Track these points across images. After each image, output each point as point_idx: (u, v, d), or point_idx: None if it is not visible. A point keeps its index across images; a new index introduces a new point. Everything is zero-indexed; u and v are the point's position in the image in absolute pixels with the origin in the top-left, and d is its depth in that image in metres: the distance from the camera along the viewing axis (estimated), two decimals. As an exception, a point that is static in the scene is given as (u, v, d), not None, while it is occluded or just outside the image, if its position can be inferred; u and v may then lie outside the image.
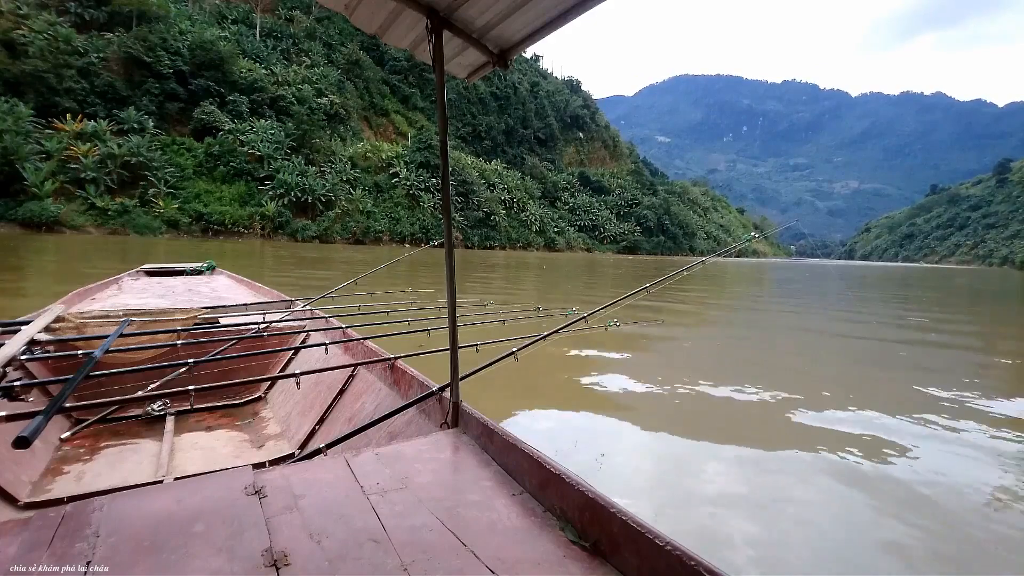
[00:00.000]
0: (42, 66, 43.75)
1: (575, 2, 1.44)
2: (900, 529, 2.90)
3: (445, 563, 1.07)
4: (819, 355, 8.27)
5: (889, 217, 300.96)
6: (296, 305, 4.56)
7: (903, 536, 2.83)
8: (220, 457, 2.68)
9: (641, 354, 7.67)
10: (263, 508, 1.24)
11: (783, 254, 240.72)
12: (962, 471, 3.76)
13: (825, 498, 3.28)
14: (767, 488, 3.37)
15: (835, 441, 4.25)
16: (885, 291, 26.78)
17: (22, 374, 2.64)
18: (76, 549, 1.06)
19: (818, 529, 2.91)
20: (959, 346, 9.84)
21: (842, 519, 3.02)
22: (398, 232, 63.20)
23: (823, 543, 2.77)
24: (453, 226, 1.90)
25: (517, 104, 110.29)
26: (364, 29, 1.72)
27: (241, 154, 53.47)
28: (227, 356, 2.86)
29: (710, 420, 4.73)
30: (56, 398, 1.48)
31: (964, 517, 3.10)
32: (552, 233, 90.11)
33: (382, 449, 1.63)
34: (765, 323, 12.67)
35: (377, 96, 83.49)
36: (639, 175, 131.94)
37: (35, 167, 39.87)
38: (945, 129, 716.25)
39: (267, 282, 5.90)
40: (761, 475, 3.55)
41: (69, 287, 4.82)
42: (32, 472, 2.36)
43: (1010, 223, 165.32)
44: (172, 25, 55.71)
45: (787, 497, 3.26)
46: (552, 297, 14.94)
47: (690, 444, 4.12)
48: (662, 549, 0.98)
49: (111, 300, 4.44)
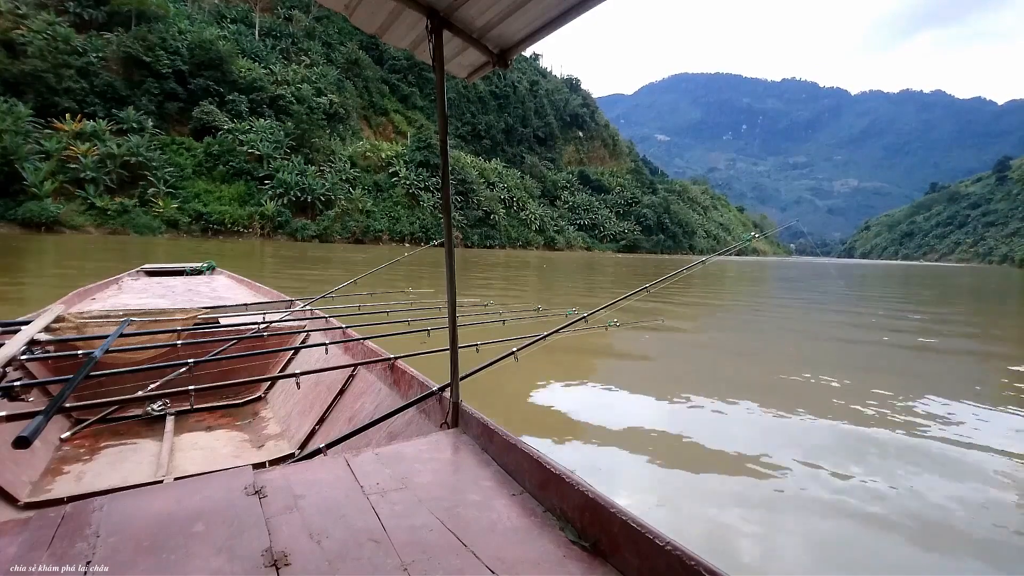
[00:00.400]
0: (41, 66, 43.73)
1: (575, 2, 1.44)
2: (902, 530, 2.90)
3: (445, 563, 1.07)
4: (820, 355, 8.27)
5: (889, 215, 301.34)
6: (296, 305, 4.56)
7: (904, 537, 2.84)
8: (220, 457, 2.68)
9: (641, 354, 7.67)
10: (263, 508, 1.24)
11: (783, 253, 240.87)
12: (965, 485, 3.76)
13: (825, 498, 3.28)
14: (767, 488, 3.37)
15: (836, 441, 4.25)
16: (885, 290, 26.80)
17: (22, 374, 2.65)
18: (76, 549, 1.06)
19: (817, 530, 2.92)
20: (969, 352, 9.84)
21: (840, 520, 3.03)
22: (398, 231, 63.23)
23: (822, 543, 2.78)
24: (453, 225, 1.90)
25: (516, 103, 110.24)
26: (364, 29, 1.72)
27: (240, 154, 53.49)
28: (227, 356, 2.85)
29: (710, 420, 4.73)
30: (56, 398, 1.48)
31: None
32: (552, 232, 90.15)
33: (382, 449, 1.63)
34: (765, 323, 12.67)
35: (376, 95, 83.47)
36: (639, 174, 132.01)
37: (34, 167, 39.89)
38: (945, 127, 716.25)
39: (267, 282, 5.90)
40: (761, 475, 3.55)
41: (69, 287, 4.82)
42: (32, 472, 2.36)
43: (1010, 221, 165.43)
44: (171, 25, 55.70)
45: (787, 498, 3.27)
46: (552, 297, 14.94)
47: (690, 444, 4.13)
48: (662, 549, 0.98)
49: (111, 300, 4.44)
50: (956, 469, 3.78)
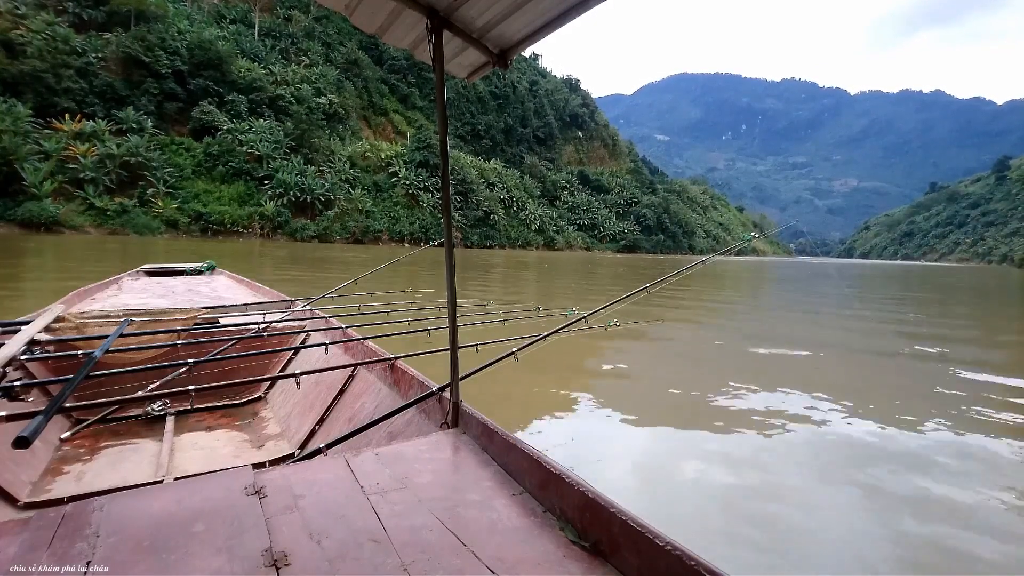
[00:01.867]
0: (40, 66, 43.70)
1: (575, 2, 1.44)
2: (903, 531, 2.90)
3: (445, 563, 1.07)
4: (820, 356, 8.27)
5: (888, 215, 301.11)
6: (296, 305, 4.56)
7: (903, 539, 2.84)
8: (220, 457, 2.68)
9: (641, 354, 7.67)
10: (263, 508, 1.24)
11: (783, 252, 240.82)
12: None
13: (824, 499, 3.29)
14: (765, 489, 3.37)
15: (836, 443, 4.25)
16: (885, 292, 26.80)
17: (22, 374, 2.64)
18: (76, 549, 1.06)
19: (816, 529, 2.92)
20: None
21: (842, 519, 3.03)
22: (397, 231, 63.22)
23: (820, 542, 2.78)
24: (452, 225, 1.90)
25: (516, 103, 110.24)
26: (364, 29, 1.72)
27: (240, 154, 53.45)
28: (227, 356, 2.85)
29: (709, 420, 4.73)
30: (56, 398, 1.48)
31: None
32: (551, 232, 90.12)
33: (382, 449, 1.63)
34: (766, 322, 12.68)
35: (376, 95, 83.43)
36: (638, 174, 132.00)
37: (34, 167, 39.84)
38: (944, 127, 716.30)
39: (266, 283, 5.90)
40: (761, 476, 3.56)
41: (69, 288, 4.81)
42: (32, 472, 2.36)
43: (1009, 220, 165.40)
44: (170, 25, 55.66)
45: (786, 499, 3.27)
46: (552, 296, 14.94)
47: (689, 444, 4.13)
48: (662, 549, 0.98)
49: (111, 300, 4.44)
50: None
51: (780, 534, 2.82)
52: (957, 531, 2.89)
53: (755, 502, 3.15)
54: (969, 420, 4.89)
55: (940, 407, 5.25)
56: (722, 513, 2.99)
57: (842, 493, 3.33)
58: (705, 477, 3.49)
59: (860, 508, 3.12)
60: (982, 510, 3.14)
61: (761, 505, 3.11)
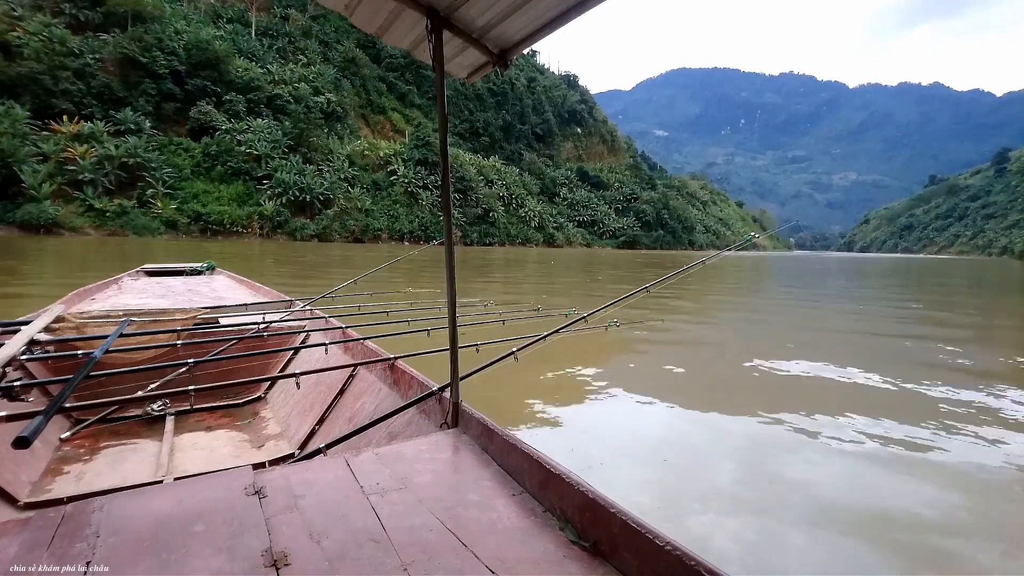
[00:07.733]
0: (37, 68, 43.66)
1: (575, 2, 1.44)
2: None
3: (445, 563, 1.07)
4: (819, 357, 8.27)
5: (888, 208, 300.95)
6: (296, 305, 4.56)
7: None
8: (220, 457, 2.69)
9: (641, 354, 7.67)
10: (263, 508, 1.24)
11: (783, 247, 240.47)
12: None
13: (825, 499, 3.29)
14: (765, 489, 3.38)
15: (836, 444, 4.26)
16: (887, 288, 26.80)
17: (22, 374, 2.64)
18: (76, 549, 1.06)
19: (815, 528, 2.92)
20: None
21: (841, 520, 3.03)
22: (397, 230, 63.21)
23: (820, 540, 2.78)
24: (452, 224, 1.90)
25: (514, 100, 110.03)
26: (364, 29, 1.71)
27: (239, 153, 53.44)
28: (227, 356, 2.85)
29: (710, 419, 4.73)
30: (56, 398, 1.48)
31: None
32: (551, 229, 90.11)
33: (382, 449, 1.64)
34: (766, 321, 12.68)
35: (374, 94, 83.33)
36: (637, 170, 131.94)
37: (32, 169, 39.86)
38: (943, 119, 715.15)
39: (266, 283, 5.90)
40: (760, 476, 3.56)
41: (68, 288, 4.81)
42: (32, 472, 2.36)
43: (1009, 213, 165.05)
44: (167, 25, 55.55)
45: (786, 498, 3.27)
46: (552, 297, 14.94)
47: (690, 443, 4.13)
48: (662, 549, 0.98)
49: (111, 300, 4.44)
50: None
51: (784, 535, 2.82)
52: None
53: (762, 501, 3.15)
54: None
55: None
56: (728, 513, 3.00)
57: (858, 503, 3.34)
58: (708, 477, 3.49)
59: (868, 516, 3.13)
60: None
61: (768, 505, 3.12)
